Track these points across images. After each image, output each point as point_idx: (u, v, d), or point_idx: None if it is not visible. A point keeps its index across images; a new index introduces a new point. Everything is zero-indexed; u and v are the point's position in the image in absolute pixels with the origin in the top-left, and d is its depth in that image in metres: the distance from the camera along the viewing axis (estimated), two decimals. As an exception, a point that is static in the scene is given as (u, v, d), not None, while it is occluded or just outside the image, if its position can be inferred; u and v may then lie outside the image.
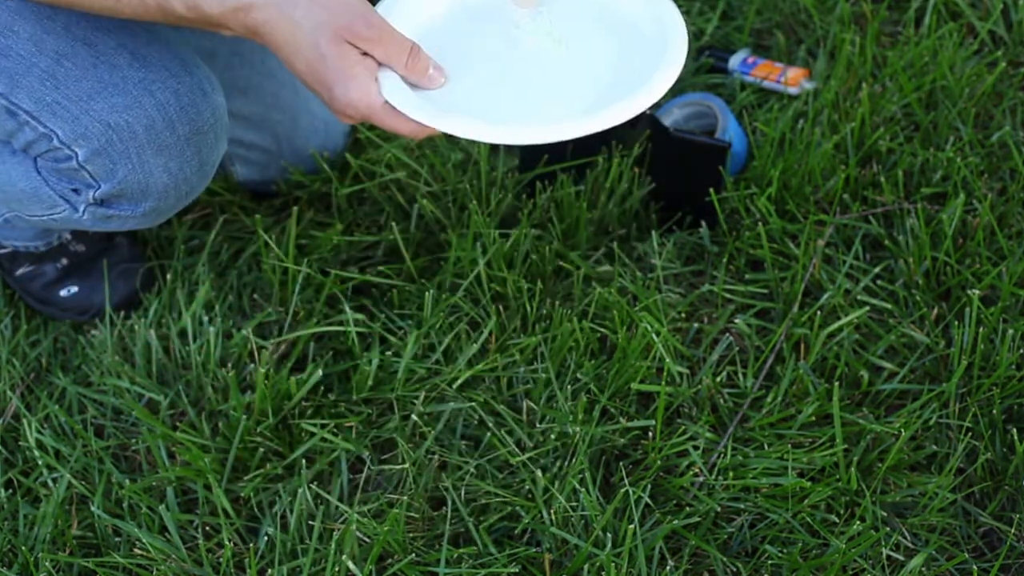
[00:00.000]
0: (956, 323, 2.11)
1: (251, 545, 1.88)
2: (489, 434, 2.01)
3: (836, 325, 2.11)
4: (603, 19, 1.79)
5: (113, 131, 1.79)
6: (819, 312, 2.12)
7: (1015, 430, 1.98)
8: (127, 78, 1.79)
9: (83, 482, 2.01)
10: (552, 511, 1.90)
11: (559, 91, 1.71)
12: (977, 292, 2.09)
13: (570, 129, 1.63)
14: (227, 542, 1.88)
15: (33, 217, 1.97)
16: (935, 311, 2.14)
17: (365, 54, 1.64)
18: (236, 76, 2.21)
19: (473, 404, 2.05)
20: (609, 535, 1.87)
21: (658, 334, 2.07)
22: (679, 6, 2.56)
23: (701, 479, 1.96)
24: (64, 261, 2.25)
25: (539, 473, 1.93)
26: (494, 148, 2.35)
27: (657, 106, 2.41)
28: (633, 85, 1.66)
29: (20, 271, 2.25)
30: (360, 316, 2.14)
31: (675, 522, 1.89)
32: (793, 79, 2.43)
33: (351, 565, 1.84)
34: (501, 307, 2.14)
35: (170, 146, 1.82)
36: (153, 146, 1.81)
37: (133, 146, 1.80)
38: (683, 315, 2.17)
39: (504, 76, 1.73)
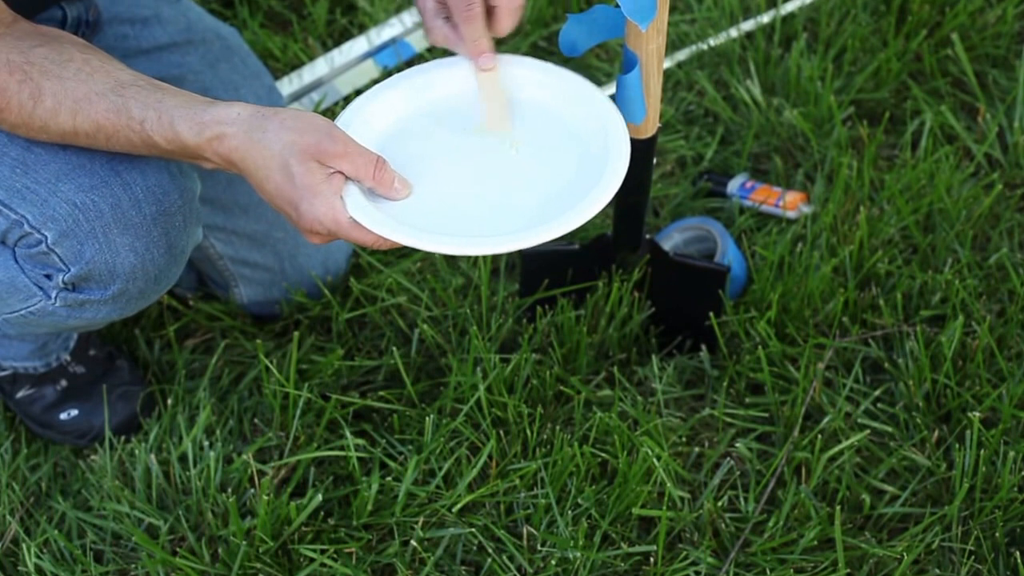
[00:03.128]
0: (957, 445, 2.11)
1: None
2: (489, 560, 2.00)
3: (837, 448, 2.10)
4: (562, 132, 1.81)
5: (79, 211, 1.81)
6: (820, 435, 2.11)
7: (1018, 553, 1.97)
8: (95, 159, 1.81)
9: (82, 609, 2.00)
10: (553, 637, 1.89)
11: (513, 202, 1.74)
12: (978, 414, 2.09)
13: (519, 243, 1.67)
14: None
15: (12, 314, 1.96)
16: (936, 434, 2.14)
17: (332, 172, 1.67)
18: (237, 194, 2.23)
19: (473, 529, 2.04)
20: (610, 662, 1.85)
21: (659, 458, 2.07)
22: (678, 131, 2.59)
23: (703, 604, 1.95)
24: (64, 383, 2.25)
25: (540, 599, 1.92)
26: (494, 272, 2.36)
27: (656, 230, 2.43)
28: (576, 201, 1.70)
29: (20, 394, 2.26)
30: (361, 441, 2.14)
31: (677, 648, 1.87)
32: (791, 203, 2.45)
33: None
34: (501, 432, 2.14)
35: (136, 226, 1.83)
36: (119, 225, 1.82)
37: (99, 225, 1.81)
38: (684, 439, 2.16)
39: (461, 184, 1.76)
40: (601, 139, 1.77)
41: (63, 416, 2.26)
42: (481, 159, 1.79)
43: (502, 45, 2.72)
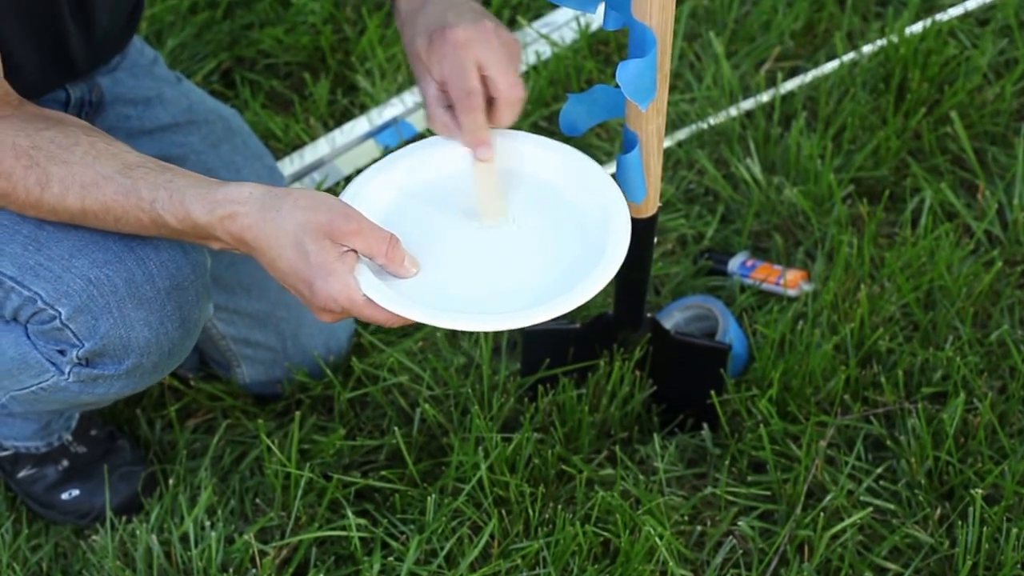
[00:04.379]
0: (960, 523, 2.10)
1: None
2: (492, 640, 1.99)
3: (840, 526, 2.10)
4: (565, 209, 1.82)
5: (94, 286, 1.81)
6: (822, 513, 2.11)
7: (1022, 632, 1.96)
8: (108, 235, 1.81)
9: None
10: None
11: (518, 279, 1.76)
12: (980, 491, 2.08)
13: (532, 318, 1.68)
14: None
15: (22, 391, 1.96)
16: (938, 511, 2.14)
17: (346, 251, 1.67)
18: (240, 274, 2.24)
19: (476, 610, 2.03)
20: None
21: (661, 537, 2.07)
22: (679, 210, 2.60)
23: None
24: (65, 463, 2.25)
25: None
26: (496, 352, 2.36)
27: (658, 308, 2.43)
28: (578, 279, 1.72)
29: (22, 474, 2.25)
30: (362, 521, 2.14)
31: None
32: (792, 281, 2.45)
33: None
34: (503, 511, 2.13)
35: (150, 300, 1.84)
36: (133, 300, 1.83)
37: (114, 300, 1.82)
38: (686, 518, 2.16)
39: (465, 261, 1.78)
40: (603, 217, 1.78)
41: (64, 496, 2.25)
42: (483, 236, 1.80)
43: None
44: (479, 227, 1.81)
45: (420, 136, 2.74)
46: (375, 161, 1.86)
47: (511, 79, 1.79)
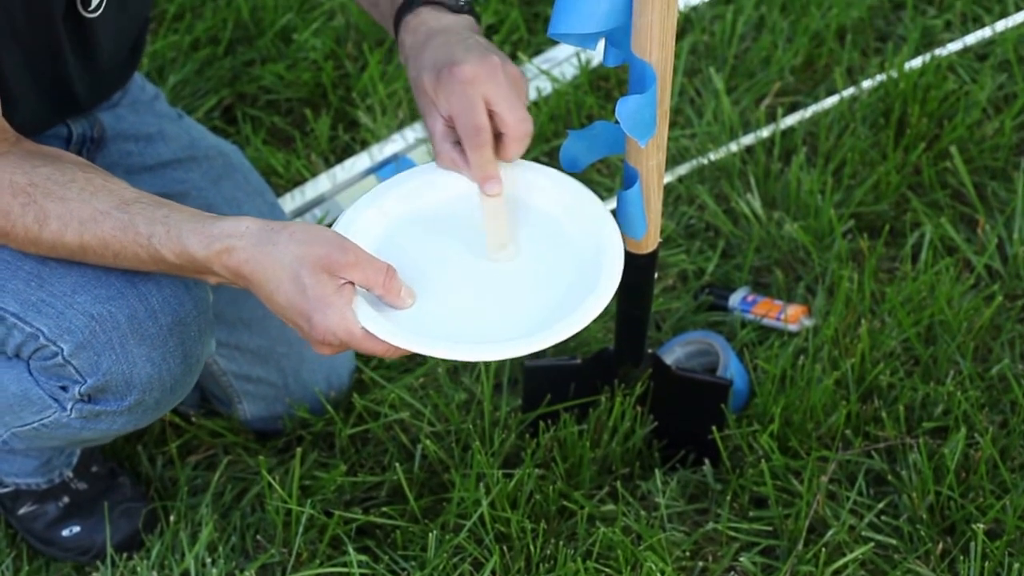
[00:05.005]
0: (962, 558, 2.10)
1: None
2: (493, 677, 1.99)
3: (841, 562, 2.10)
4: (560, 239, 1.83)
5: (96, 322, 1.81)
6: (824, 549, 2.11)
7: (1026, 668, 1.96)
8: (110, 272, 1.82)
9: None
10: None
11: (514, 309, 1.77)
12: (982, 526, 2.08)
13: (520, 349, 1.70)
14: None
15: (24, 427, 1.96)
16: (940, 546, 2.13)
17: (343, 283, 1.68)
18: (241, 310, 2.24)
19: (477, 646, 2.03)
20: None
21: (663, 573, 2.06)
22: (679, 245, 2.60)
23: None
24: (66, 500, 2.25)
25: None
26: (497, 387, 2.36)
27: (658, 344, 2.43)
28: (572, 310, 1.73)
29: (22, 510, 2.25)
30: (364, 558, 2.13)
31: None
32: (793, 316, 2.45)
33: None
34: (505, 547, 2.13)
35: (153, 336, 1.84)
36: (135, 336, 1.83)
37: (116, 336, 1.82)
38: (688, 554, 2.15)
39: (461, 291, 1.78)
40: (597, 249, 1.79)
41: (65, 533, 2.25)
42: (478, 265, 1.81)
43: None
44: (473, 256, 1.81)
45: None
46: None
47: (519, 115, 1.80)
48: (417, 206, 1.85)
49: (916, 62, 2.83)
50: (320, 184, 2.73)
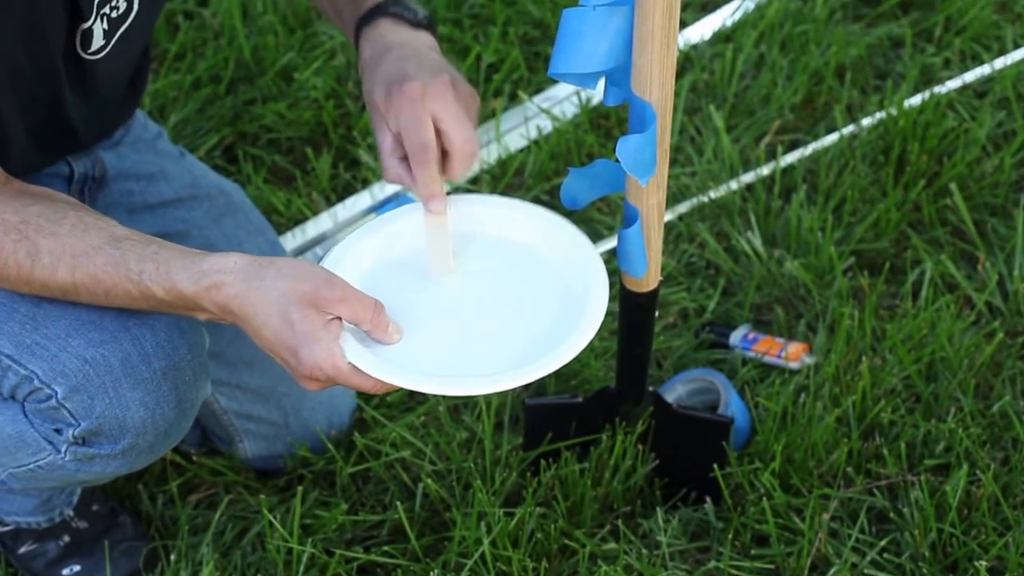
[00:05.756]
0: (965, 597, 2.10)
1: None
2: None
3: (844, 600, 2.09)
4: (543, 270, 1.84)
5: (90, 366, 1.81)
6: (826, 587, 2.11)
7: None
8: (104, 315, 1.82)
9: None
10: None
11: (500, 342, 1.77)
12: (984, 563, 2.08)
13: (509, 383, 1.70)
14: None
15: (20, 468, 1.96)
16: (943, 584, 2.13)
17: (331, 319, 1.68)
18: (242, 349, 2.24)
19: None
20: None
21: (664, 612, 2.06)
22: (680, 283, 2.60)
23: None
24: (67, 538, 2.24)
25: None
26: (498, 426, 2.36)
27: (660, 382, 2.43)
28: (560, 341, 1.73)
29: (23, 549, 2.25)
30: (364, 596, 2.13)
31: None
32: (794, 354, 2.45)
33: None
34: (506, 586, 2.13)
35: (146, 380, 1.84)
36: (129, 380, 1.83)
37: (109, 380, 1.82)
38: (689, 592, 2.15)
39: (446, 325, 1.79)
40: (582, 279, 1.80)
41: (66, 572, 2.25)
42: (466, 300, 1.82)
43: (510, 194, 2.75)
44: (460, 292, 1.82)
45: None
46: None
47: (465, 134, 1.81)
48: (405, 243, 1.86)
49: (915, 100, 2.84)
50: (321, 223, 2.73)
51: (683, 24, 3.03)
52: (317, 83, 2.94)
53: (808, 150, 2.81)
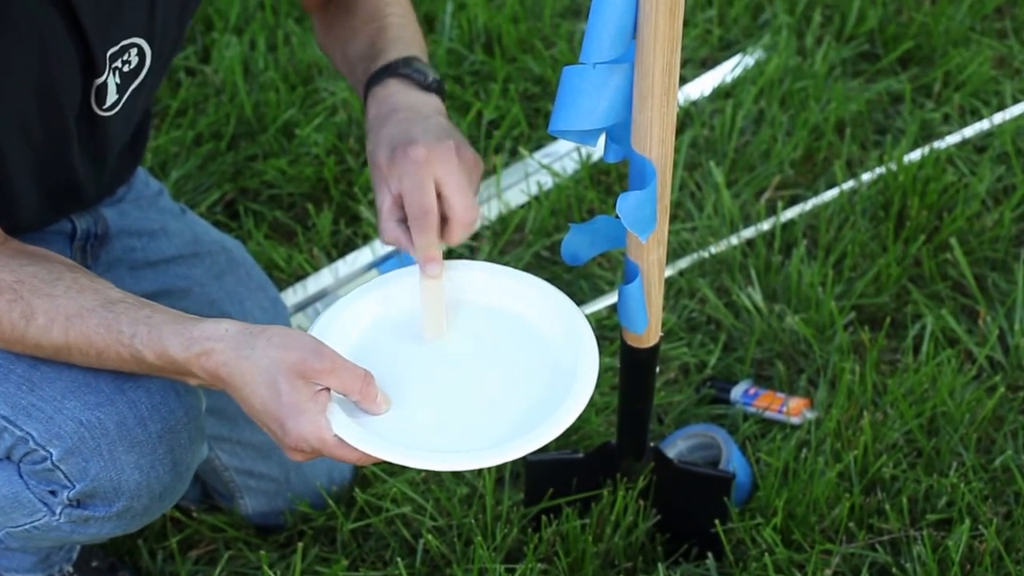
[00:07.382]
0: (968, 653, 2.09)
1: None
2: None
3: (847, 657, 2.09)
4: (533, 340, 1.83)
5: (85, 428, 1.81)
6: (829, 644, 2.10)
7: None
8: (100, 377, 1.82)
9: None
10: None
11: (491, 413, 1.76)
12: (988, 621, 2.07)
13: (495, 459, 1.68)
14: None
15: (16, 528, 1.95)
16: (946, 641, 2.12)
17: (319, 390, 1.68)
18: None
19: None
20: None
21: (666, 669, 2.05)
22: (681, 339, 2.61)
23: None
24: (66, 595, 2.24)
25: None
26: (499, 482, 2.36)
27: (661, 437, 2.43)
28: (552, 410, 1.72)
29: (23, 606, 2.24)
30: (365, 654, 2.12)
31: None
32: (795, 409, 2.45)
33: None
34: (507, 643, 2.12)
35: (142, 443, 1.83)
36: (124, 443, 1.82)
37: (105, 442, 1.82)
38: (692, 648, 2.14)
39: (435, 396, 1.78)
40: (573, 351, 1.79)
41: (65, 629, 2.24)
42: (456, 370, 1.81)
43: (511, 250, 2.76)
44: (451, 361, 1.81)
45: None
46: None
47: (466, 201, 1.81)
48: (395, 310, 1.85)
49: (915, 155, 2.85)
50: (322, 278, 2.74)
51: (683, 80, 3.05)
52: (318, 139, 2.95)
53: (808, 205, 2.82)
